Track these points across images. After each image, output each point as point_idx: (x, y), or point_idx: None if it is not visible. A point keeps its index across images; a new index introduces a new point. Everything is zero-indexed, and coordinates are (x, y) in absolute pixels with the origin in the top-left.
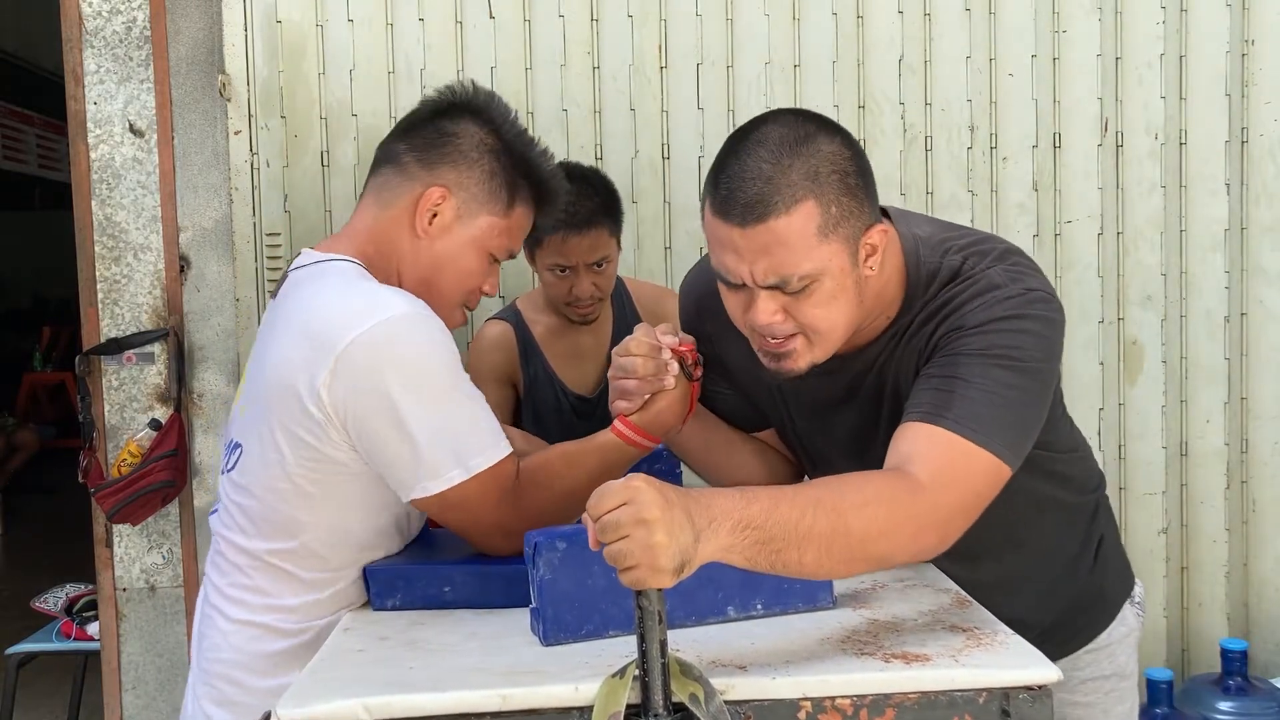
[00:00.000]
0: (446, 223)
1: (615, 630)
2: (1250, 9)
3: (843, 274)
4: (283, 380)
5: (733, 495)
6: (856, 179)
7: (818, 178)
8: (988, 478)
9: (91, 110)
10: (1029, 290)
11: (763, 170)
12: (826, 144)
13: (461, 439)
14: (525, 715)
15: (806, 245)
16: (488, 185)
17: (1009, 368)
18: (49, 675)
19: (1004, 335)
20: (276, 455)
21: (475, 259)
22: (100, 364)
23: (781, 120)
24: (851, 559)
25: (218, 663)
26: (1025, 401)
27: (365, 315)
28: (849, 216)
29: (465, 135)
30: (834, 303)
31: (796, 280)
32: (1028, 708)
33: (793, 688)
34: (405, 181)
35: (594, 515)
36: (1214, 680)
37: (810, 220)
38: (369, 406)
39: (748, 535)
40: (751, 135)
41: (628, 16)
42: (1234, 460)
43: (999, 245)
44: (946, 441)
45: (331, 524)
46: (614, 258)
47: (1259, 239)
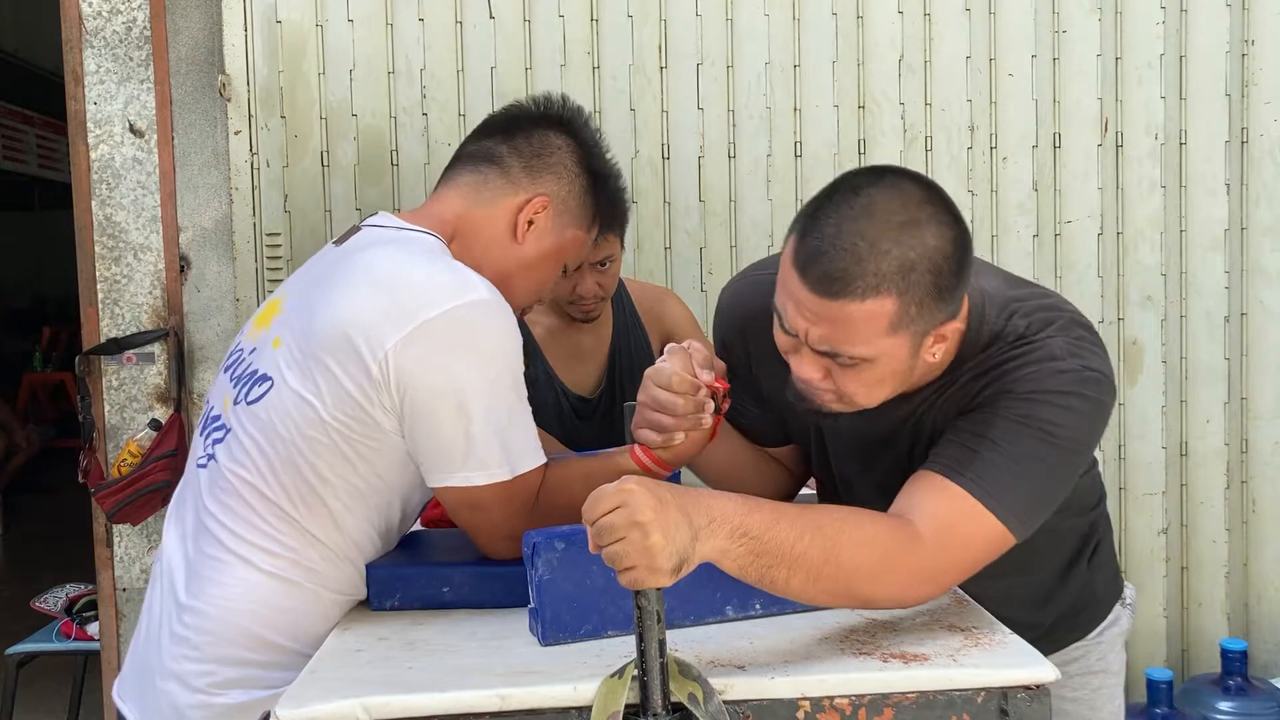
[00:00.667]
0: (541, 232)
1: (614, 630)
2: (1250, 9)
3: (898, 362)
4: (345, 332)
5: (735, 501)
6: (950, 278)
7: (909, 274)
8: (989, 543)
9: (91, 110)
10: (1086, 369)
11: (857, 247)
12: (933, 237)
13: (513, 439)
14: (524, 715)
15: (872, 334)
16: (581, 200)
17: (1044, 441)
18: (49, 675)
19: (1048, 408)
20: (316, 400)
21: (552, 269)
22: (100, 364)
23: (896, 192)
24: (835, 592)
25: (233, 612)
26: (1050, 478)
27: (455, 293)
28: (928, 315)
29: (567, 149)
30: (880, 385)
31: (846, 358)
32: (1026, 707)
33: (791, 687)
34: (509, 185)
35: (589, 519)
36: (1214, 680)
37: (884, 315)
38: (435, 381)
39: (744, 544)
40: (860, 198)
41: (628, 16)
42: (1234, 460)
43: (1065, 314)
44: (958, 500)
45: (352, 489)
46: (618, 257)
47: (1259, 239)
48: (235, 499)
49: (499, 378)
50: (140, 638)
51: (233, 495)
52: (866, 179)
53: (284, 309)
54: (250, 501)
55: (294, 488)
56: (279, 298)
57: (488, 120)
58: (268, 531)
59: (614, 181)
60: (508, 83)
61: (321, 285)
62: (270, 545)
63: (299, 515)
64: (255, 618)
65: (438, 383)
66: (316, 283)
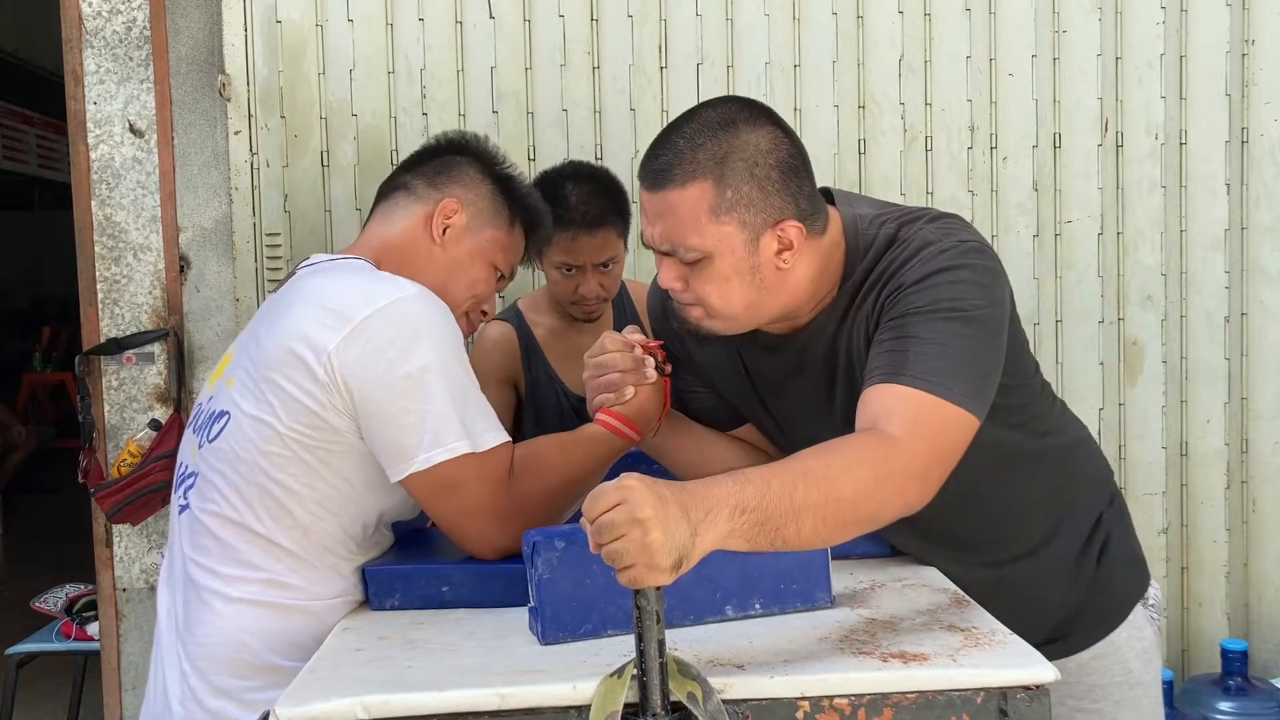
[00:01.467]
0: (459, 233)
1: (613, 630)
2: (1250, 9)
3: (736, 258)
4: (289, 346)
5: (725, 481)
6: (770, 172)
7: (724, 161)
8: (957, 427)
9: (91, 110)
10: (962, 241)
11: (678, 144)
12: (749, 133)
13: (469, 415)
14: (523, 714)
15: (696, 221)
16: (492, 202)
17: (956, 318)
18: (49, 675)
19: (945, 288)
20: (271, 418)
21: (482, 269)
22: (100, 364)
23: (720, 105)
24: (845, 523)
25: (220, 646)
26: (978, 350)
27: (386, 294)
28: (749, 205)
29: (467, 163)
30: (727, 284)
31: (684, 251)
32: (1025, 707)
33: (790, 687)
34: (416, 201)
35: (589, 517)
36: (1214, 680)
37: (702, 199)
38: (380, 373)
39: (746, 518)
40: (689, 113)
41: (628, 16)
42: (1234, 460)
43: (932, 211)
44: (910, 397)
45: (320, 496)
46: (621, 258)
47: (1259, 239)
48: (208, 537)
49: (444, 360)
50: (149, 693)
51: (205, 534)
52: (704, 102)
53: (234, 355)
54: (220, 535)
55: (260, 504)
56: (230, 350)
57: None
58: (238, 558)
59: (521, 185)
60: (508, 83)
61: (265, 319)
62: (242, 571)
63: (267, 530)
64: (241, 647)
65: (383, 374)
66: (260, 320)
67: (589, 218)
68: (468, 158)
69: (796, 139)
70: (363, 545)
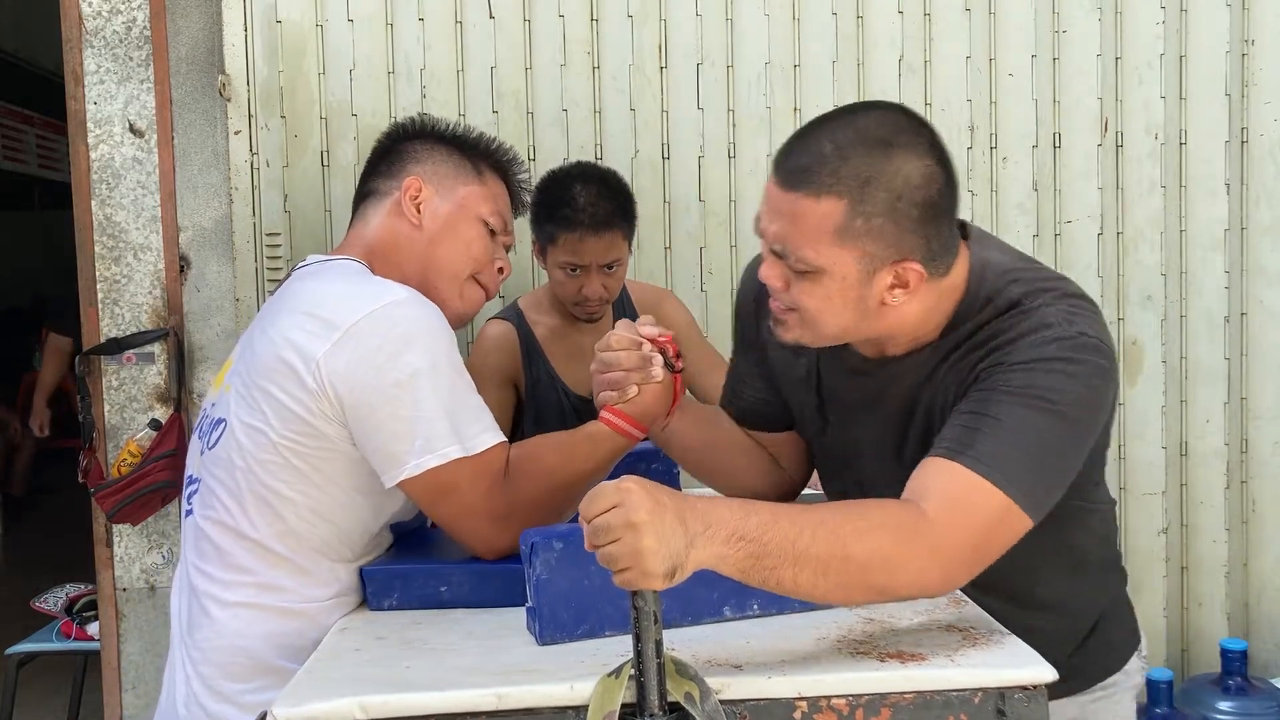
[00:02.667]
0: (432, 204)
1: (611, 630)
2: (1250, 9)
3: (846, 284)
4: (279, 354)
5: (732, 505)
6: (912, 209)
7: (867, 185)
8: (999, 518)
9: (91, 110)
10: (1082, 335)
11: (824, 148)
12: (903, 160)
13: (461, 419)
14: (521, 714)
15: (818, 237)
16: (451, 162)
17: (1044, 410)
18: (49, 675)
19: (1046, 376)
20: (264, 425)
21: (468, 226)
22: (100, 364)
23: (882, 116)
24: (849, 585)
25: (216, 651)
26: (1054, 449)
27: (373, 299)
28: (878, 237)
29: (415, 142)
30: (829, 302)
31: (796, 260)
32: (1023, 707)
33: (788, 687)
34: (381, 197)
35: (586, 518)
36: (1214, 680)
37: (831, 217)
38: (369, 379)
39: (742, 547)
40: (849, 113)
41: (628, 16)
42: (1234, 460)
43: (1066, 286)
44: (960, 477)
45: (313, 503)
46: (625, 260)
47: (1259, 239)
48: (207, 543)
49: (434, 364)
50: (162, 698)
51: (205, 540)
52: (865, 103)
53: (234, 360)
54: (218, 541)
55: (255, 510)
56: (232, 355)
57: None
58: (233, 563)
59: (473, 136)
60: (508, 83)
61: (260, 325)
62: (237, 576)
63: (260, 535)
64: (237, 651)
65: (371, 380)
66: (257, 324)
67: (597, 219)
68: (413, 139)
69: (952, 173)
70: (359, 549)
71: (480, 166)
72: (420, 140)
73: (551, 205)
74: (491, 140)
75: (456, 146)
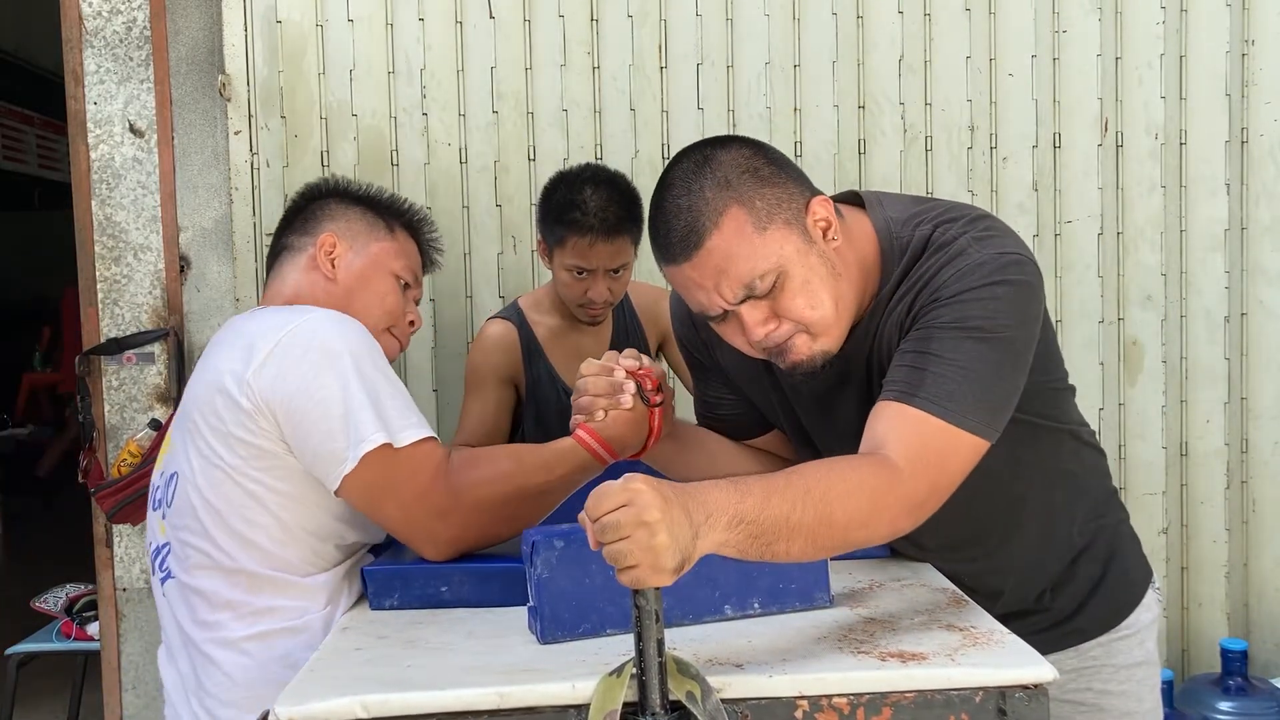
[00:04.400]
0: (346, 260)
1: (612, 629)
2: (1250, 9)
3: (801, 256)
4: (215, 386)
5: (726, 489)
6: (768, 169)
7: (729, 184)
8: (963, 455)
9: (91, 110)
10: (1001, 254)
11: (679, 204)
12: (724, 154)
13: (387, 414)
14: (522, 713)
15: (750, 245)
16: (365, 219)
17: (982, 339)
18: (49, 675)
19: (976, 304)
20: (213, 459)
21: (380, 280)
22: (100, 364)
23: (681, 156)
24: (833, 546)
25: (231, 690)
26: (1000, 374)
27: (291, 319)
28: (778, 204)
29: (329, 201)
30: (808, 287)
31: (760, 282)
32: (1024, 707)
33: (789, 686)
34: (297, 253)
35: (593, 516)
36: (1214, 680)
37: (741, 223)
38: (294, 387)
39: (742, 530)
40: (662, 182)
41: (628, 16)
42: (1234, 460)
43: (969, 211)
44: (920, 421)
45: (279, 523)
46: (631, 265)
47: (1259, 239)
48: (194, 595)
49: (357, 365)
50: None
51: (192, 593)
52: (670, 164)
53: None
54: (204, 586)
55: (229, 543)
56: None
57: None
58: (225, 600)
59: (385, 196)
60: (508, 83)
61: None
62: (233, 613)
63: (242, 565)
64: (250, 685)
65: (298, 388)
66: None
67: (607, 224)
68: (326, 197)
69: (757, 141)
70: (338, 555)
71: (392, 224)
72: (335, 199)
73: (561, 207)
74: (403, 201)
75: (369, 206)
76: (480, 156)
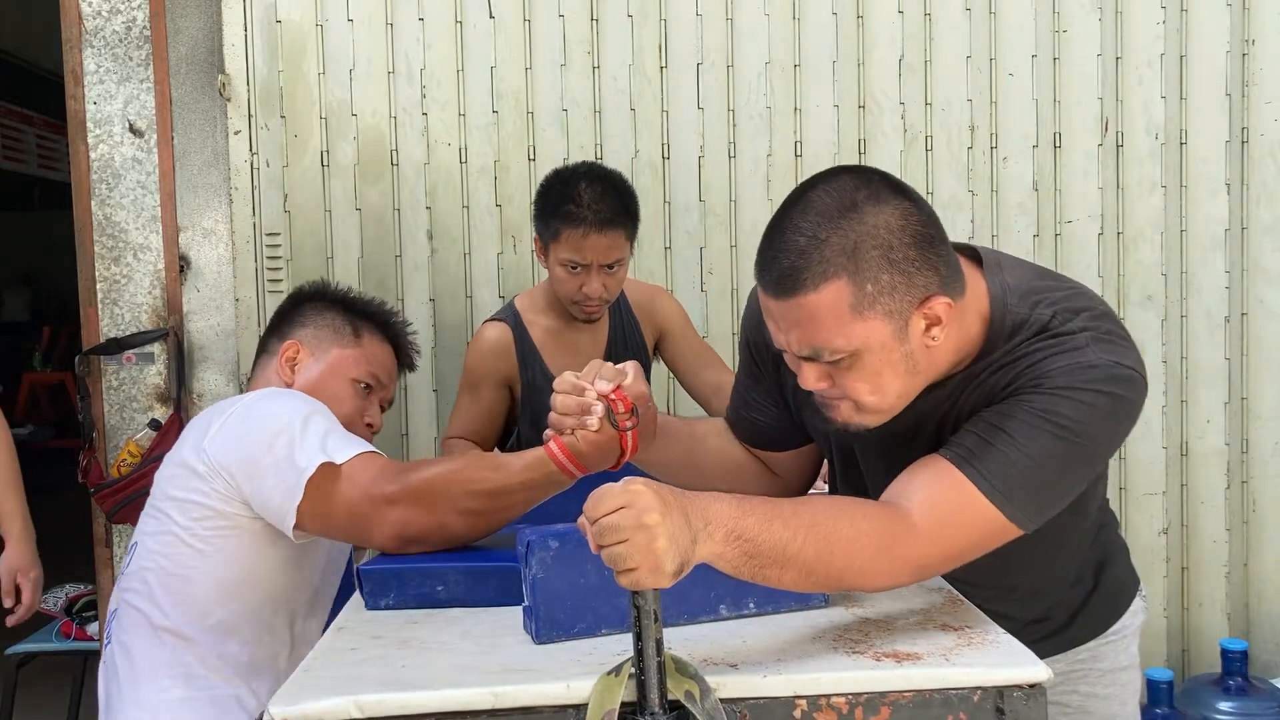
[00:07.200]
0: (305, 365)
1: (607, 629)
2: (1250, 9)
3: (885, 349)
4: (178, 462)
5: (728, 502)
6: (906, 251)
7: (855, 253)
8: (989, 534)
9: (91, 110)
10: (1118, 364)
11: (798, 243)
12: (874, 214)
13: (329, 441)
14: (518, 713)
15: (839, 322)
16: (331, 326)
17: (1062, 439)
18: (49, 675)
19: (1073, 404)
20: (169, 524)
21: (338, 385)
22: (100, 364)
23: (833, 185)
24: (826, 584)
25: None
26: (1064, 476)
27: (246, 396)
28: (893, 292)
29: (308, 304)
30: (879, 378)
31: (829, 354)
32: (1023, 706)
33: (783, 685)
34: (270, 357)
35: (591, 518)
36: (1214, 680)
37: (841, 298)
38: (245, 439)
39: (738, 546)
40: (800, 201)
41: (628, 16)
42: (1234, 460)
43: (1093, 305)
44: (960, 488)
45: (221, 578)
46: (626, 262)
47: (1259, 239)
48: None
49: (306, 416)
50: None
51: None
52: (808, 183)
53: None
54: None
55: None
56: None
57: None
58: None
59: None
60: (507, 83)
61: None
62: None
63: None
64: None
65: (246, 439)
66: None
67: (601, 217)
68: (305, 302)
69: (924, 203)
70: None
71: (360, 331)
72: (312, 304)
73: (556, 202)
74: (381, 304)
75: (344, 309)
76: (480, 156)
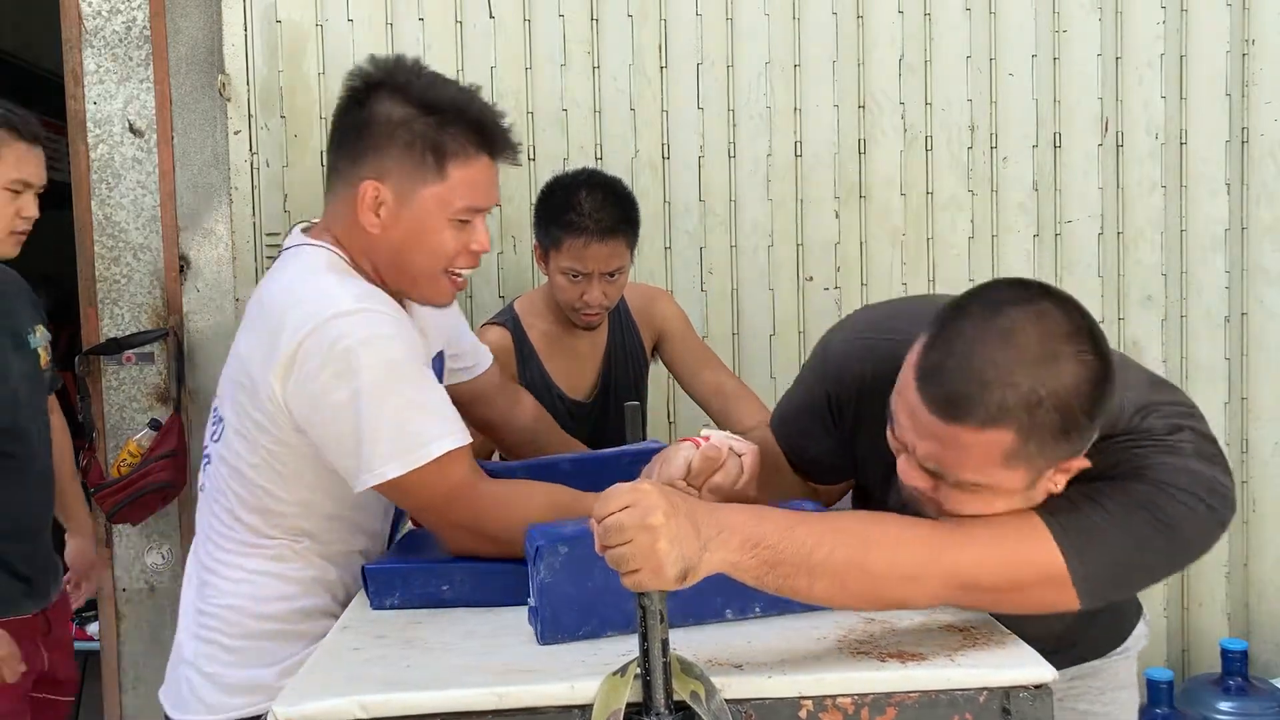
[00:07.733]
0: (393, 211)
1: (612, 631)
2: (1250, 9)
3: (1009, 495)
4: (247, 370)
5: (744, 511)
6: (1080, 419)
7: (1034, 411)
8: (1041, 579)
9: (91, 110)
10: (1221, 483)
11: (984, 373)
12: (1070, 375)
13: (405, 431)
14: (522, 714)
15: (985, 463)
16: (410, 158)
17: (1159, 530)
18: None
19: (1177, 505)
20: (246, 433)
21: (437, 231)
22: (100, 364)
23: (1041, 320)
24: (863, 596)
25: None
26: (1144, 564)
27: (312, 316)
28: (1049, 453)
29: (377, 115)
30: (990, 505)
31: (953, 480)
32: (1028, 706)
33: (788, 686)
34: (343, 185)
35: (598, 517)
36: (1214, 680)
37: (1000, 446)
38: (314, 402)
39: (757, 554)
40: (1000, 318)
41: (628, 16)
42: (1234, 460)
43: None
44: (1031, 533)
45: (299, 499)
46: (627, 269)
47: (1259, 239)
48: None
49: (375, 380)
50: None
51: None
52: (1011, 296)
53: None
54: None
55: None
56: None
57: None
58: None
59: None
60: (508, 83)
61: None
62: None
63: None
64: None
65: (315, 402)
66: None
67: (602, 226)
68: (376, 100)
69: (1109, 361)
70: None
71: (446, 157)
72: (382, 112)
73: (557, 210)
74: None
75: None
76: None
